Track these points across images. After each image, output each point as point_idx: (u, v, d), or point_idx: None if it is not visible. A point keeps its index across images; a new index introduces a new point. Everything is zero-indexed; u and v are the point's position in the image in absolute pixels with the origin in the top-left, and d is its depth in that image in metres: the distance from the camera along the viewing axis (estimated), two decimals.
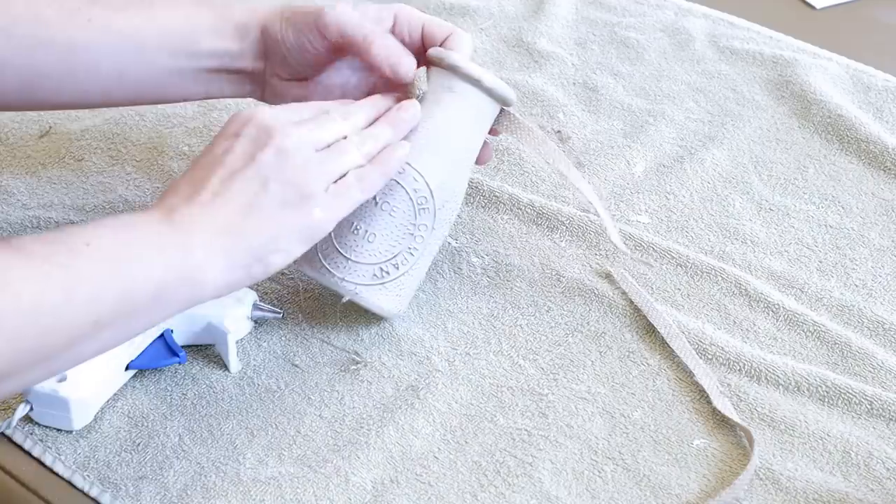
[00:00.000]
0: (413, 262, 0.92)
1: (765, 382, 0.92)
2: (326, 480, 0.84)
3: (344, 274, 0.91)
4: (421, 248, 0.92)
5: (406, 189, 0.91)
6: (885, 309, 0.98)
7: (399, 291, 0.92)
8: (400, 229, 0.91)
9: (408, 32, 0.96)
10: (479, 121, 0.95)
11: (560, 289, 0.99)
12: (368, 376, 0.92)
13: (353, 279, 0.91)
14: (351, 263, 0.91)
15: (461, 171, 0.94)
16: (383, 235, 0.91)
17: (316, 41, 0.94)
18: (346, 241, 0.91)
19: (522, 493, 0.84)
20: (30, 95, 0.95)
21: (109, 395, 0.88)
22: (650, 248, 1.02)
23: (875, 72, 1.24)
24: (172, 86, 0.97)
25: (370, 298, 0.91)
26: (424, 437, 0.87)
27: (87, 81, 0.95)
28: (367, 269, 0.91)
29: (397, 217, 0.91)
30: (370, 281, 0.91)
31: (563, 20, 1.31)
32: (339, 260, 0.91)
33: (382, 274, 0.91)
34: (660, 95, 1.21)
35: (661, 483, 0.85)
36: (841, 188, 1.10)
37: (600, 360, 0.93)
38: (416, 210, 0.91)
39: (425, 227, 0.92)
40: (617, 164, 1.12)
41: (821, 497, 0.84)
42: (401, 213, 0.91)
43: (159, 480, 0.84)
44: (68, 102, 0.98)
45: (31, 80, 0.94)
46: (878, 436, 0.88)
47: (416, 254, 0.92)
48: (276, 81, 0.97)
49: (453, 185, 0.93)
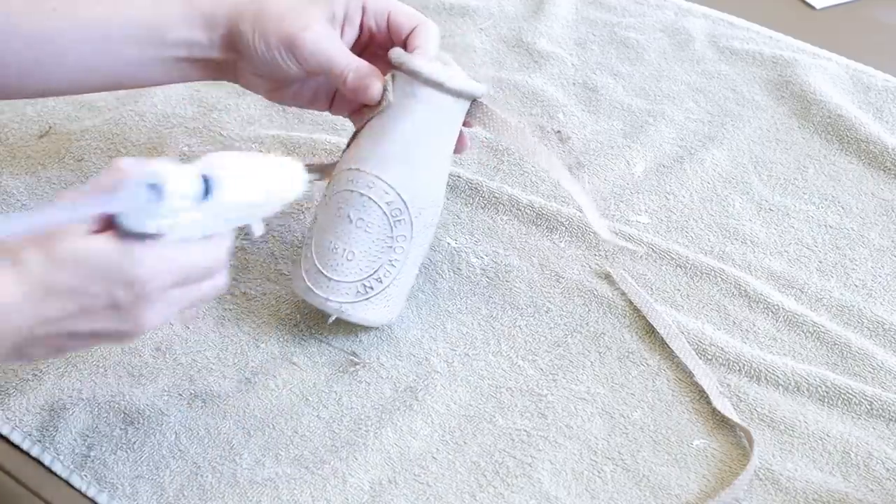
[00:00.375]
0: (396, 273, 0.91)
1: (764, 383, 0.91)
2: (324, 481, 0.84)
3: (328, 294, 0.90)
4: (402, 259, 0.91)
5: (378, 204, 0.90)
6: (885, 309, 0.98)
7: (386, 303, 0.92)
8: (377, 244, 0.90)
9: (375, 22, 0.94)
10: (448, 122, 0.93)
11: (559, 289, 0.99)
12: (366, 377, 0.91)
13: (338, 298, 0.90)
14: (333, 283, 0.90)
15: (436, 176, 0.93)
16: (362, 252, 0.90)
17: (289, 61, 0.92)
18: (326, 261, 0.90)
19: (522, 494, 0.84)
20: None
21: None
22: (650, 248, 1.02)
23: (875, 72, 1.24)
24: (142, 74, 0.96)
25: (357, 314, 0.91)
26: (423, 438, 0.87)
27: (53, 71, 0.94)
28: (349, 286, 0.90)
29: (373, 233, 0.90)
30: (354, 298, 0.90)
31: (563, 20, 1.31)
32: (322, 280, 0.90)
33: (366, 290, 0.91)
34: (660, 95, 1.21)
35: (661, 483, 0.85)
36: (841, 188, 1.10)
37: (600, 360, 0.93)
38: (391, 223, 0.90)
39: (403, 237, 0.91)
40: (617, 164, 1.12)
41: (820, 497, 0.84)
42: (376, 228, 0.90)
43: (156, 480, 0.84)
44: (35, 92, 0.98)
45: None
46: (877, 436, 0.88)
47: (398, 265, 0.91)
48: (250, 76, 0.96)
49: (428, 191, 0.92)
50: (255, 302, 0.97)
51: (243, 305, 0.97)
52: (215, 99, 1.18)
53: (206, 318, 0.95)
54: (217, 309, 0.96)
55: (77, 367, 0.91)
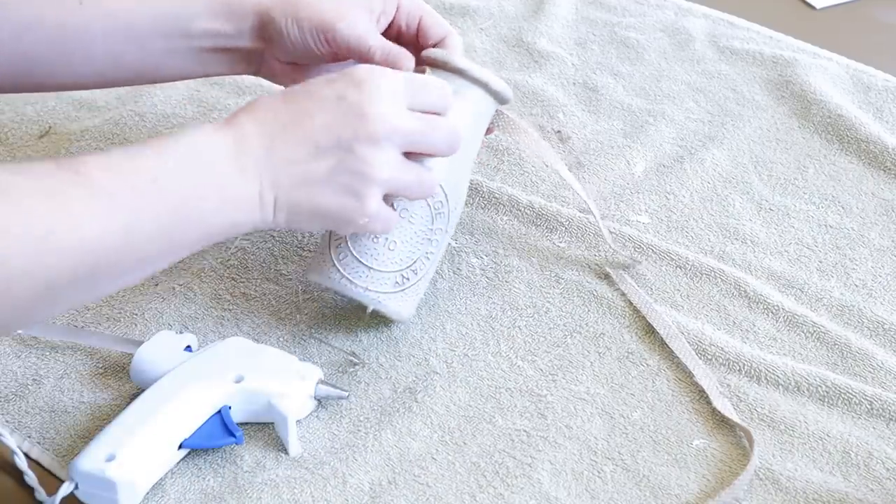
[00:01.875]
0: (429, 266, 0.92)
1: (764, 383, 0.91)
2: (324, 482, 0.84)
3: (367, 283, 0.90)
4: (437, 252, 0.92)
5: None
6: (885, 309, 0.98)
7: (414, 296, 0.92)
8: (419, 235, 0.91)
9: (406, 23, 0.96)
10: (481, 122, 0.95)
11: (559, 290, 0.99)
12: (366, 378, 0.91)
13: (377, 288, 0.90)
14: (373, 272, 0.90)
15: (467, 174, 0.95)
16: (403, 242, 0.90)
17: (322, 46, 0.94)
18: (366, 251, 0.90)
19: (521, 494, 0.84)
20: (24, 79, 0.94)
21: (160, 476, 0.83)
22: (649, 248, 1.02)
23: (875, 72, 1.24)
24: (168, 66, 0.97)
25: (392, 306, 0.91)
26: (422, 439, 0.87)
27: (80, 64, 0.94)
28: (389, 276, 0.90)
29: (416, 223, 0.90)
30: (392, 289, 0.90)
31: (563, 20, 1.31)
32: (361, 269, 0.90)
33: (403, 281, 0.91)
34: (660, 95, 1.21)
35: (661, 483, 0.85)
36: (841, 188, 1.10)
37: (599, 360, 0.93)
38: (433, 215, 0.91)
39: (441, 230, 0.92)
40: (617, 164, 1.12)
41: (820, 497, 0.84)
42: (419, 219, 0.90)
43: (156, 483, 0.84)
44: (63, 85, 0.97)
45: (23, 65, 0.93)
46: (877, 436, 0.88)
47: (432, 258, 0.92)
48: (275, 63, 0.97)
49: (462, 187, 0.94)
50: (255, 302, 0.97)
51: (243, 306, 0.97)
52: (215, 99, 1.18)
53: (206, 318, 0.95)
54: (216, 309, 0.96)
55: (77, 370, 0.91)
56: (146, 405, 0.83)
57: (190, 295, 0.97)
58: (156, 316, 0.96)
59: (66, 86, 0.99)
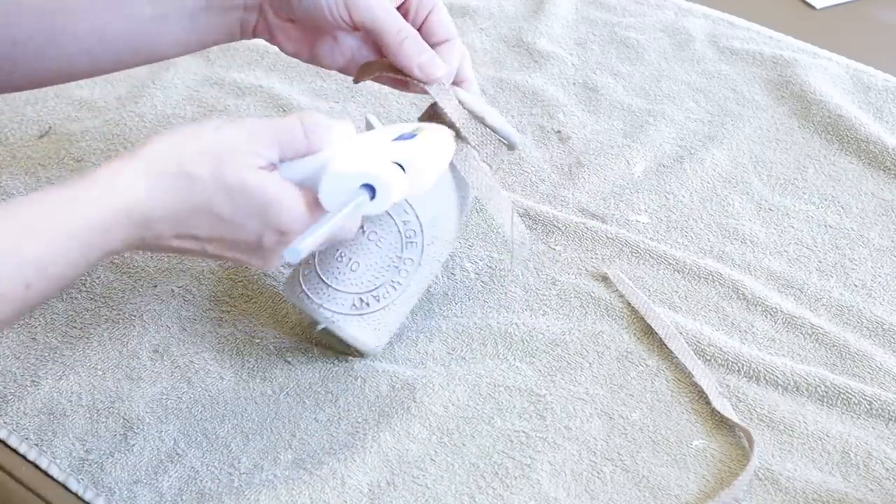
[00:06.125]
0: (395, 296, 0.90)
1: (764, 383, 0.91)
2: (322, 483, 0.84)
3: (323, 300, 0.89)
4: (405, 284, 0.90)
5: (395, 220, 0.89)
6: (885, 309, 0.97)
7: (377, 325, 0.90)
8: (385, 260, 0.89)
9: (415, 11, 0.92)
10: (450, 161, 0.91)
11: (555, 292, 0.98)
12: (364, 380, 0.91)
13: (332, 307, 0.89)
14: (331, 290, 0.89)
15: (453, 212, 0.92)
16: (367, 265, 0.89)
17: (338, 12, 0.89)
18: (328, 268, 0.89)
19: (521, 495, 0.84)
20: (15, 69, 0.92)
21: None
22: (647, 251, 1.02)
23: (875, 72, 1.23)
24: (159, 36, 0.93)
25: (346, 328, 0.89)
26: (421, 441, 0.87)
27: (68, 44, 0.92)
28: (346, 297, 0.89)
29: (383, 248, 0.89)
30: (348, 311, 0.89)
31: (563, 20, 1.31)
32: (320, 286, 0.89)
33: (362, 304, 0.89)
34: (660, 95, 1.21)
35: (661, 484, 0.85)
36: (841, 188, 1.10)
37: (598, 361, 0.93)
38: (403, 243, 0.89)
39: (411, 261, 0.90)
40: (617, 163, 1.12)
41: (820, 497, 0.84)
42: (387, 244, 0.89)
43: (153, 485, 0.84)
44: (54, 72, 0.94)
45: (10, 51, 0.91)
46: (877, 436, 0.88)
47: (398, 288, 0.90)
48: (274, 19, 0.93)
49: (444, 223, 0.91)
50: (253, 303, 0.97)
51: (241, 307, 0.97)
52: (215, 99, 1.18)
53: (203, 319, 0.95)
54: (214, 311, 0.96)
55: (75, 371, 0.91)
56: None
57: (189, 297, 0.97)
58: (154, 317, 0.96)
59: (60, 74, 0.96)
